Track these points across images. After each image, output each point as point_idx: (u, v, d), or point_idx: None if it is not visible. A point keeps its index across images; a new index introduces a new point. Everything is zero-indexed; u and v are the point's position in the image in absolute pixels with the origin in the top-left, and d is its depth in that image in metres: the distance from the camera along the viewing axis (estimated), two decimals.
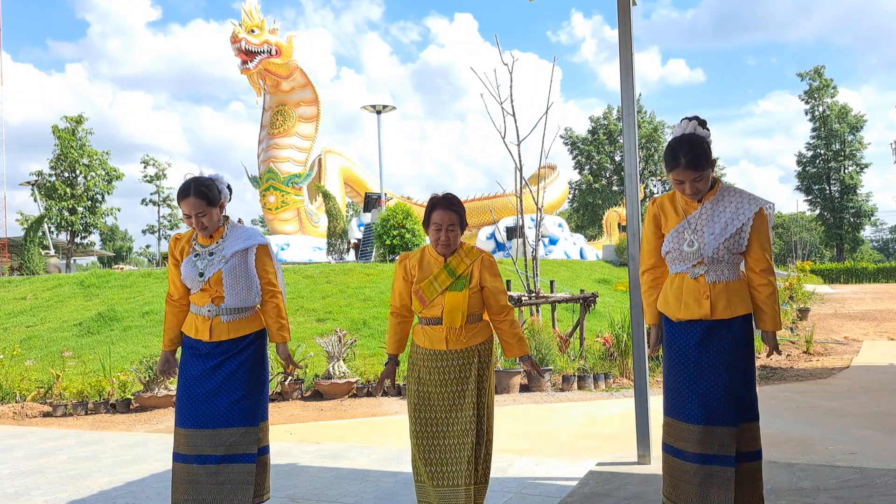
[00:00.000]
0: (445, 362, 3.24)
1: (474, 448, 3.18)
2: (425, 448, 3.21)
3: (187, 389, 3.31)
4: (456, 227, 3.26)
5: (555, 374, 8.67)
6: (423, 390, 3.26)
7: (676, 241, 3.10)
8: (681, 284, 3.12)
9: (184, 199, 3.32)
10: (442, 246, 3.26)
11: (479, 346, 3.28)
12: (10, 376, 9.18)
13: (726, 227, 3.02)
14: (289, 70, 26.19)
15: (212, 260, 3.34)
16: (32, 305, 16.29)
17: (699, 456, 3.02)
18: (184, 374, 3.37)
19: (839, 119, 55.96)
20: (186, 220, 3.37)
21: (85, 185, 40.20)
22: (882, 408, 6.61)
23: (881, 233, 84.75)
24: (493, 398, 3.38)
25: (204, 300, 3.32)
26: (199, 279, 3.31)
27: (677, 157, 3.00)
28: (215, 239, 3.40)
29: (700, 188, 3.05)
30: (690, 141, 3.02)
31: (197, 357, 3.33)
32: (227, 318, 3.32)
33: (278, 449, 5.84)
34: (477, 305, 3.28)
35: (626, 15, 4.90)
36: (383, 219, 20.87)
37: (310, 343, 10.38)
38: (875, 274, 42.61)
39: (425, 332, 3.30)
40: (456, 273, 3.24)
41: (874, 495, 3.83)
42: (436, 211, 3.26)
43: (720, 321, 3.03)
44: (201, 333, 3.31)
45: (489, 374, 3.33)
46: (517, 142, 11.29)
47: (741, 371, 3.04)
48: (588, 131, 60.83)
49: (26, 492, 4.82)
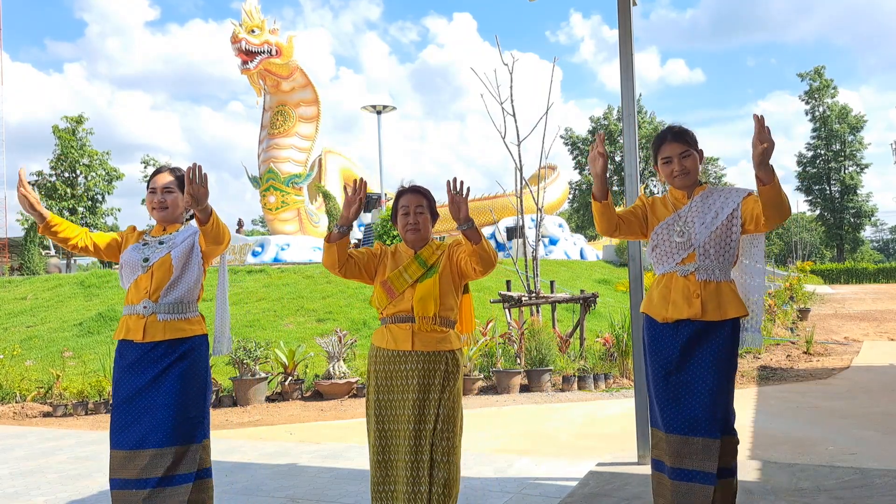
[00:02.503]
0: (409, 365, 2.97)
1: (430, 467, 2.90)
2: (385, 463, 2.96)
3: (122, 408, 3.02)
4: (424, 210, 3.10)
5: (555, 374, 8.67)
6: (384, 398, 3.00)
7: (667, 233, 3.06)
8: (668, 283, 3.03)
9: (157, 174, 3.21)
10: (411, 231, 3.07)
11: (447, 352, 3.01)
12: (11, 376, 9.18)
13: (717, 215, 2.99)
14: (289, 70, 26.18)
15: (160, 248, 3.16)
16: (33, 305, 16.30)
17: (674, 470, 2.89)
18: (117, 394, 3.06)
19: (839, 119, 55.95)
20: (150, 198, 3.20)
21: (85, 186, 40.22)
22: (882, 408, 6.61)
23: (881, 233, 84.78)
24: (461, 413, 3.07)
25: (139, 296, 3.07)
26: (141, 264, 3.10)
27: (664, 135, 3.11)
28: (169, 231, 3.24)
29: (688, 167, 3.03)
30: (674, 125, 3.15)
31: (129, 372, 3.03)
32: (165, 317, 3.05)
33: (278, 449, 5.84)
34: (450, 300, 3.04)
35: (626, 15, 4.90)
36: (383, 219, 20.89)
37: (310, 343, 10.39)
38: (875, 274, 42.60)
39: (389, 332, 3.04)
40: (427, 264, 3.05)
41: (874, 496, 3.83)
42: (402, 197, 3.14)
43: (709, 323, 2.93)
44: (133, 333, 3.03)
45: (456, 387, 3.04)
46: (517, 142, 11.30)
47: (725, 378, 2.92)
48: (588, 131, 60.87)
49: (26, 492, 4.82)
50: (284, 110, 26.69)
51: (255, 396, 8.32)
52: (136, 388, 3.02)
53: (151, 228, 3.35)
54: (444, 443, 2.94)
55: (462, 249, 3.01)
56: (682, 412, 2.90)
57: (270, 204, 26.67)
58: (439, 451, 2.93)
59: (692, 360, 2.94)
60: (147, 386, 3.01)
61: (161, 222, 3.27)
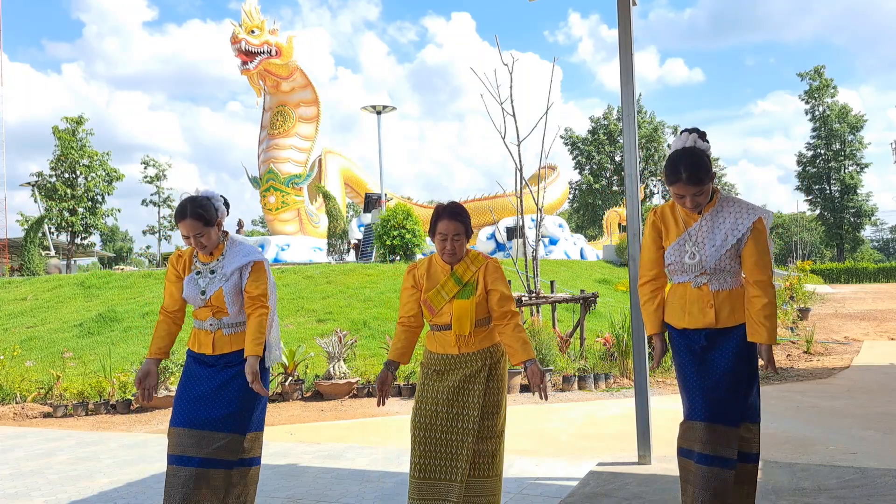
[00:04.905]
0: (457, 363, 3.28)
1: (472, 447, 3.20)
2: (420, 439, 3.22)
3: (185, 388, 3.36)
4: (461, 237, 3.30)
5: (555, 374, 8.67)
6: (429, 385, 3.29)
7: (678, 254, 3.13)
8: (684, 294, 3.14)
9: (181, 221, 3.37)
10: (448, 255, 3.30)
11: (490, 348, 3.30)
12: (11, 377, 9.18)
13: (726, 238, 3.04)
14: (289, 70, 26.21)
15: (213, 278, 3.41)
16: (33, 306, 16.30)
17: (701, 455, 3.02)
18: (185, 376, 3.42)
19: (839, 119, 55.96)
20: (186, 241, 3.43)
21: (85, 186, 40.23)
22: (882, 408, 6.61)
23: (881, 233, 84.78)
24: (506, 398, 3.39)
25: (206, 315, 3.40)
26: (201, 297, 3.39)
27: (678, 172, 2.99)
28: (215, 256, 3.46)
29: (700, 202, 3.07)
30: (691, 155, 3.01)
31: (200, 364, 3.40)
32: (229, 332, 3.40)
33: (279, 449, 5.84)
34: (485, 311, 3.30)
35: (626, 15, 4.90)
36: (383, 219, 20.88)
37: (310, 343, 10.39)
38: (875, 274, 42.62)
39: (436, 338, 3.34)
40: (462, 281, 3.28)
41: (874, 495, 3.84)
42: (441, 221, 3.29)
43: (724, 329, 3.06)
44: (205, 347, 3.39)
45: (501, 375, 3.35)
46: (517, 142, 11.30)
47: (745, 371, 3.05)
48: (588, 131, 60.86)
49: (27, 492, 4.82)
50: (284, 111, 26.70)
51: None
52: (199, 375, 3.36)
53: (197, 252, 3.50)
54: (490, 425, 3.25)
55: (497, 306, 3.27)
56: (706, 400, 3.03)
57: (270, 204, 26.69)
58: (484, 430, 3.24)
59: (713, 356, 3.07)
60: (210, 375, 3.35)
61: (205, 253, 3.48)
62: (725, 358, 3.04)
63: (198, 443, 3.23)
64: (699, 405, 3.05)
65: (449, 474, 3.17)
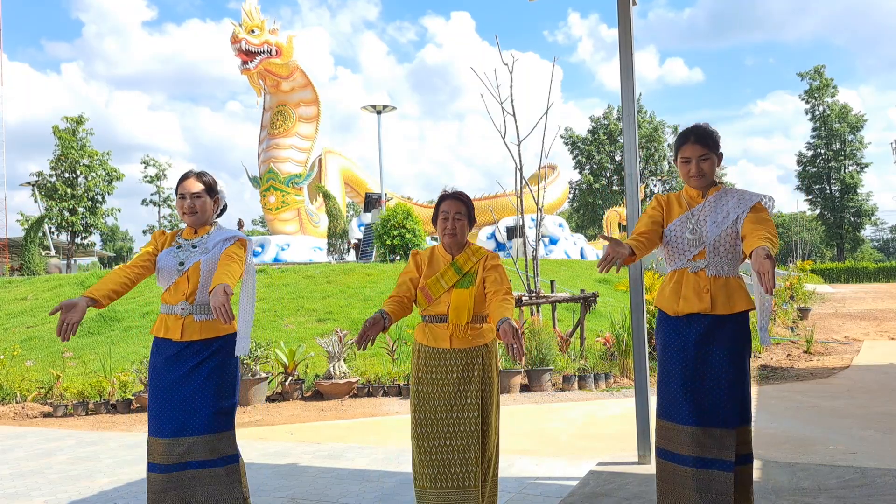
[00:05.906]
0: (448, 361, 3.22)
1: (481, 449, 3.17)
2: (426, 449, 3.17)
3: (162, 397, 3.19)
4: (463, 217, 3.31)
5: (555, 373, 8.67)
6: (424, 390, 3.23)
7: (679, 230, 3.17)
8: (680, 279, 3.15)
9: (184, 181, 3.32)
10: (449, 235, 3.29)
11: (483, 346, 3.26)
12: (11, 377, 9.19)
13: (728, 215, 3.10)
14: (289, 70, 26.19)
15: (194, 251, 3.31)
16: (33, 306, 16.30)
17: (696, 459, 3.01)
18: (155, 382, 3.24)
19: (839, 119, 55.99)
20: (179, 203, 3.33)
21: (85, 186, 40.24)
22: (882, 408, 6.61)
23: (881, 232, 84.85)
24: (499, 400, 3.37)
25: (177, 298, 3.25)
26: (178, 268, 3.26)
27: (687, 134, 3.16)
28: (200, 234, 3.38)
29: (705, 170, 3.14)
30: (700, 125, 3.21)
31: (167, 364, 3.22)
32: (200, 318, 3.24)
33: (279, 449, 5.84)
34: (483, 305, 3.26)
35: (626, 15, 4.90)
36: (383, 219, 20.89)
37: (310, 343, 10.39)
38: (875, 273, 42.65)
39: (429, 330, 3.29)
40: (462, 270, 3.28)
41: (874, 495, 3.84)
42: (444, 202, 3.35)
43: (720, 316, 3.05)
44: (172, 332, 3.22)
45: (493, 376, 3.31)
46: (517, 142, 11.30)
47: (740, 370, 3.05)
48: (588, 131, 60.89)
49: (27, 492, 4.82)
50: (284, 110, 26.69)
51: (255, 396, 8.33)
52: (171, 380, 3.19)
53: (182, 230, 3.45)
54: (487, 426, 3.22)
55: (492, 286, 3.22)
56: (698, 405, 3.02)
57: (270, 204, 26.68)
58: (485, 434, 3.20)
59: (707, 355, 3.05)
60: (182, 378, 3.18)
61: (192, 226, 3.40)
62: (722, 354, 3.03)
63: (187, 450, 3.13)
64: (688, 409, 3.02)
65: (463, 481, 3.13)
